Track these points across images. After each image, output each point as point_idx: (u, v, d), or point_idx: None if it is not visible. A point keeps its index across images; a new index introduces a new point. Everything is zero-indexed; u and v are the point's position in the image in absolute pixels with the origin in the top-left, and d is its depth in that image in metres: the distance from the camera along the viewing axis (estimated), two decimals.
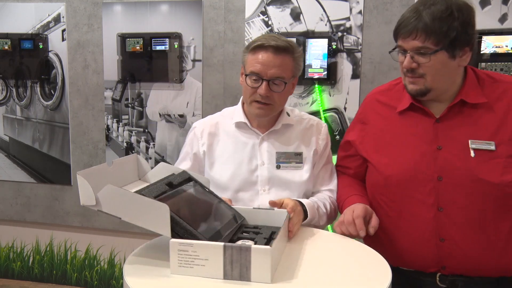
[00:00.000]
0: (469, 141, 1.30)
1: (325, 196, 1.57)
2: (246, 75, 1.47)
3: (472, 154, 1.29)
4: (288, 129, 1.57)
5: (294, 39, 2.50)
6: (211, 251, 1.00)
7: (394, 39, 1.35)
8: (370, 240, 1.41)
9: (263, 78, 1.45)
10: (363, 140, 1.49)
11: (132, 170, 1.33)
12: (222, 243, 1.00)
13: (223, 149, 1.56)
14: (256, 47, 1.46)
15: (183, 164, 1.59)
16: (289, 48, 1.46)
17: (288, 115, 1.59)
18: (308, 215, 1.41)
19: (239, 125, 1.57)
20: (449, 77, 1.32)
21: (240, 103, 1.61)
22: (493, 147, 1.29)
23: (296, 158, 1.54)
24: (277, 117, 1.56)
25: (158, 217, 1.03)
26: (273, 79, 1.45)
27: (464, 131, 1.32)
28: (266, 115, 1.51)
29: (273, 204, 1.35)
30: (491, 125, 1.31)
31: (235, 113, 1.60)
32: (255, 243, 1.13)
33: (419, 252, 1.36)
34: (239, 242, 1.13)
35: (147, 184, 1.25)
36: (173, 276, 1.03)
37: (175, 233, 1.06)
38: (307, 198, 1.56)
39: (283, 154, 1.53)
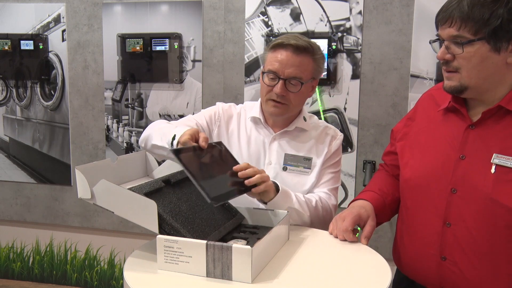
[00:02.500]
0: (494, 155, 1.13)
1: (314, 194, 1.51)
2: (263, 73, 1.47)
3: (493, 170, 1.13)
4: (301, 133, 1.55)
5: None
6: (195, 249, 1.01)
7: (436, 28, 1.20)
8: (394, 244, 1.39)
9: (280, 77, 1.43)
10: (403, 137, 1.38)
11: (140, 166, 1.37)
12: (205, 241, 1.01)
13: (234, 141, 1.55)
14: (276, 45, 1.44)
15: (187, 122, 1.52)
16: (309, 49, 1.44)
17: (305, 119, 1.57)
18: (280, 190, 1.34)
19: (254, 120, 1.57)
20: (492, 74, 1.13)
21: (259, 99, 1.59)
22: None
23: (304, 163, 1.51)
24: (293, 118, 1.55)
25: (146, 213, 1.06)
26: (290, 79, 1.43)
27: (494, 142, 1.15)
28: (280, 114, 1.49)
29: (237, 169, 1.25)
30: None
31: (253, 108, 1.59)
32: (247, 243, 1.13)
33: (421, 267, 1.27)
34: (231, 241, 1.14)
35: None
36: (170, 275, 1.04)
37: (163, 230, 1.08)
38: None
39: (292, 157, 1.51)
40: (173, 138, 1.26)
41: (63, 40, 2.90)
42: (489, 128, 1.17)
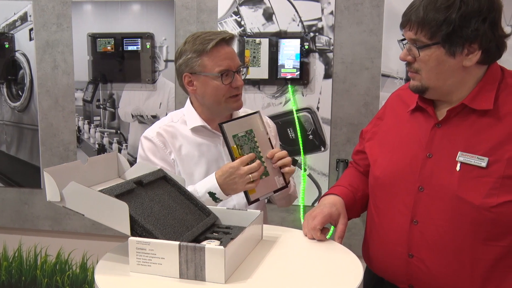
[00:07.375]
0: (459, 153, 1.16)
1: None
2: (220, 76, 1.47)
3: (458, 167, 1.15)
4: None
5: (267, 39, 2.51)
6: (167, 250, 1.01)
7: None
8: (364, 242, 1.40)
9: (233, 71, 1.49)
10: (372, 136, 1.40)
11: (112, 168, 1.35)
12: (178, 242, 1.00)
13: (188, 155, 1.54)
14: (213, 46, 1.47)
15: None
16: (234, 37, 1.54)
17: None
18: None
19: (196, 130, 1.56)
20: (450, 77, 1.16)
21: (189, 107, 1.58)
22: (484, 164, 1.12)
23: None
24: (230, 114, 1.60)
25: (118, 215, 1.05)
26: (239, 68, 1.51)
27: (459, 140, 1.17)
28: (242, 105, 1.57)
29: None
30: (493, 139, 1.13)
31: (187, 117, 1.57)
32: (220, 243, 1.13)
33: (390, 265, 1.29)
34: (205, 242, 1.13)
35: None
36: (143, 277, 1.02)
37: (135, 232, 1.07)
38: None
39: None
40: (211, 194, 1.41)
41: (30, 39, 2.82)
42: (455, 126, 1.19)
